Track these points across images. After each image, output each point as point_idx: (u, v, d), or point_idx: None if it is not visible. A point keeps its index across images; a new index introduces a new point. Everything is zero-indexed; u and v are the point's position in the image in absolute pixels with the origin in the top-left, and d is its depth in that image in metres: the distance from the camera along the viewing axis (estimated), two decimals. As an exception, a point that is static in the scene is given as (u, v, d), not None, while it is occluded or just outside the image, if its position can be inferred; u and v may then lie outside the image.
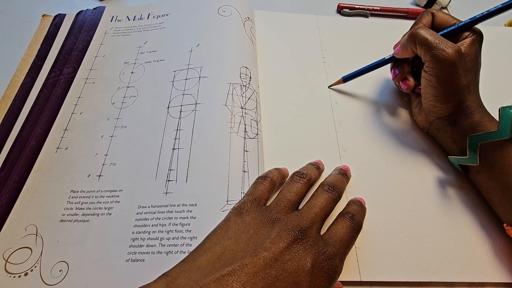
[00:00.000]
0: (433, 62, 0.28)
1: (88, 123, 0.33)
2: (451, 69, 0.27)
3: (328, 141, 0.34)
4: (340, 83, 0.38)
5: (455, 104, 0.29)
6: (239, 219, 0.23)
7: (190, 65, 0.36)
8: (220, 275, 0.19)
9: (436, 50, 0.27)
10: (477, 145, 0.27)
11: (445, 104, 0.29)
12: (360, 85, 0.38)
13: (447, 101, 0.29)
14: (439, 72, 0.28)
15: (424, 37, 0.28)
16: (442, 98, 0.29)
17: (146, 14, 0.43)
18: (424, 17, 0.31)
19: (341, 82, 0.37)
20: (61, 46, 0.39)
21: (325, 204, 0.25)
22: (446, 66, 0.27)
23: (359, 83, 0.38)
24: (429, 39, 0.28)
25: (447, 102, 0.29)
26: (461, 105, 0.29)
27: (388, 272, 0.27)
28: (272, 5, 0.48)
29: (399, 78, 0.34)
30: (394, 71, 0.34)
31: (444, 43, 0.27)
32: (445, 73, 0.28)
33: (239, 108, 0.32)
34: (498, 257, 0.28)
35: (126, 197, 0.28)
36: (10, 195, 0.29)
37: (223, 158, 0.29)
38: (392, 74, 0.35)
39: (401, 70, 0.33)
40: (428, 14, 0.31)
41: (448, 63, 0.27)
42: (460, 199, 0.31)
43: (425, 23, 0.31)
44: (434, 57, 0.28)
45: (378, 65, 0.35)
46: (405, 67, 0.33)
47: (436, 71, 0.28)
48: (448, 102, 0.29)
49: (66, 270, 0.25)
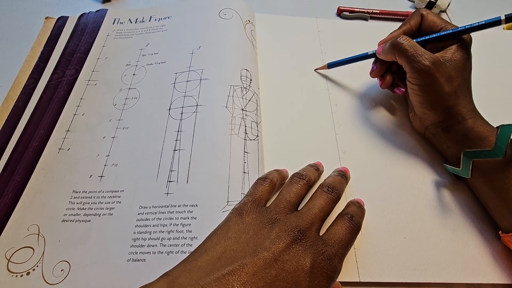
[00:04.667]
0: (413, 72, 0.29)
1: (90, 124, 0.34)
2: (431, 79, 0.28)
3: (327, 142, 0.34)
4: (324, 68, 0.39)
5: (443, 110, 0.29)
6: (239, 220, 0.23)
7: (191, 67, 0.36)
8: (221, 275, 0.19)
9: (414, 63, 0.28)
10: (471, 161, 0.27)
11: (432, 111, 0.30)
12: (359, 87, 0.39)
13: (434, 107, 0.30)
14: (420, 82, 0.29)
15: (403, 49, 0.29)
16: (428, 105, 0.30)
17: (148, 16, 0.43)
18: (413, 18, 0.32)
19: (326, 67, 0.39)
20: (64, 48, 0.40)
21: (324, 205, 0.25)
22: (425, 77, 0.28)
23: (358, 86, 0.39)
24: (408, 51, 0.29)
25: (434, 108, 0.30)
26: (450, 111, 0.29)
27: (386, 273, 0.27)
28: (272, 8, 0.49)
29: (376, 74, 0.35)
30: (373, 67, 0.35)
31: (421, 55, 0.28)
32: (426, 82, 0.29)
33: (239, 110, 0.33)
34: (496, 258, 0.28)
35: (128, 197, 0.29)
36: (13, 195, 0.29)
37: (224, 160, 0.29)
38: (370, 69, 0.35)
39: (378, 67, 0.34)
40: (417, 16, 0.32)
41: (426, 73, 0.28)
42: (458, 200, 0.31)
43: (413, 25, 0.32)
44: (412, 68, 0.29)
45: (361, 58, 0.36)
46: (384, 65, 0.34)
47: (417, 81, 0.29)
48: (435, 108, 0.30)
49: (68, 270, 0.25)
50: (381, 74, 0.35)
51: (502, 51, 0.44)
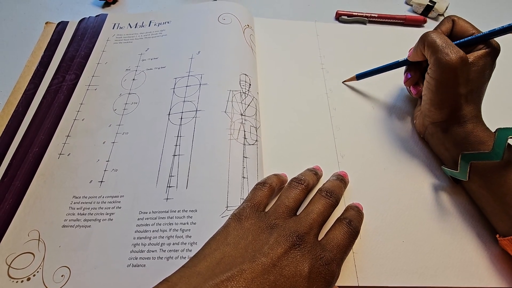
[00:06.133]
0: (436, 65, 0.28)
1: (90, 130, 0.34)
2: (451, 75, 0.28)
3: (326, 147, 0.34)
4: (353, 79, 0.39)
5: (449, 111, 0.29)
6: (238, 225, 0.23)
7: (190, 72, 0.36)
8: (219, 281, 0.19)
9: (440, 54, 0.28)
10: (468, 163, 0.27)
11: (439, 110, 0.30)
12: (358, 91, 0.39)
13: (442, 107, 0.30)
14: (439, 76, 0.28)
15: (433, 40, 0.29)
16: (437, 103, 0.30)
17: (148, 21, 0.43)
18: (444, 24, 0.31)
19: (355, 79, 0.38)
20: (64, 53, 0.40)
21: (323, 210, 0.25)
22: (447, 71, 0.28)
23: (357, 90, 0.39)
24: (436, 42, 0.28)
25: (442, 108, 0.30)
26: (455, 113, 0.29)
27: (385, 277, 0.27)
28: (271, 13, 0.49)
29: (410, 82, 0.35)
30: (407, 75, 0.35)
31: (450, 48, 0.28)
32: (444, 78, 0.28)
33: (238, 114, 0.33)
34: (494, 262, 0.28)
35: (127, 202, 0.29)
36: (13, 201, 0.29)
37: (223, 165, 0.29)
38: (404, 78, 0.35)
39: (413, 75, 0.34)
40: (449, 21, 0.31)
41: (449, 68, 0.27)
42: (457, 205, 0.31)
43: (444, 30, 0.31)
44: (437, 60, 0.28)
45: (392, 66, 0.36)
46: (418, 72, 0.34)
47: (436, 74, 0.28)
48: (443, 108, 0.30)
49: (68, 275, 0.25)
50: (415, 81, 0.34)
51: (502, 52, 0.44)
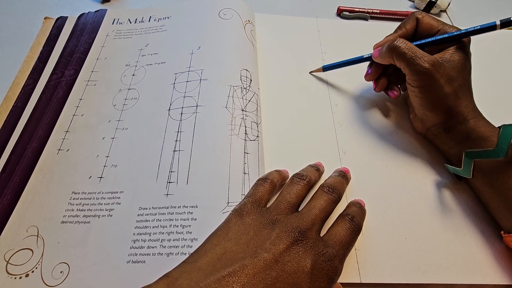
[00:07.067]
0: (413, 75, 0.29)
1: (89, 125, 0.33)
2: (431, 80, 0.28)
3: (328, 143, 0.34)
4: (320, 71, 0.39)
5: (444, 111, 0.29)
6: (239, 221, 0.23)
7: (191, 67, 0.36)
8: (221, 276, 0.19)
9: (413, 66, 0.28)
10: (472, 161, 0.27)
11: (434, 112, 0.30)
12: (360, 87, 0.39)
13: (435, 108, 0.30)
14: (420, 84, 0.29)
15: (402, 52, 0.29)
16: (429, 106, 0.30)
17: (148, 17, 0.43)
18: (408, 22, 0.32)
19: (321, 70, 0.39)
20: (63, 48, 0.40)
21: (325, 206, 0.25)
22: (425, 78, 0.28)
23: (359, 86, 0.39)
24: (406, 54, 0.28)
25: (435, 109, 0.30)
26: (452, 112, 0.29)
27: (388, 274, 0.27)
28: (272, 8, 0.49)
29: (371, 77, 0.35)
30: (368, 70, 0.35)
31: (420, 57, 0.28)
32: (426, 84, 0.29)
33: (239, 110, 0.33)
34: (498, 259, 0.28)
35: (127, 198, 0.28)
36: (12, 197, 0.29)
37: (224, 160, 0.29)
38: (365, 73, 0.35)
39: (373, 70, 0.34)
40: (413, 20, 0.32)
41: (426, 75, 0.28)
42: (460, 201, 0.31)
43: (408, 28, 0.32)
44: (412, 71, 0.28)
45: (357, 61, 0.36)
46: (379, 68, 0.34)
47: (417, 83, 0.29)
48: (437, 109, 0.30)
49: (67, 272, 0.25)
50: (375, 77, 0.35)
51: (502, 50, 0.44)
